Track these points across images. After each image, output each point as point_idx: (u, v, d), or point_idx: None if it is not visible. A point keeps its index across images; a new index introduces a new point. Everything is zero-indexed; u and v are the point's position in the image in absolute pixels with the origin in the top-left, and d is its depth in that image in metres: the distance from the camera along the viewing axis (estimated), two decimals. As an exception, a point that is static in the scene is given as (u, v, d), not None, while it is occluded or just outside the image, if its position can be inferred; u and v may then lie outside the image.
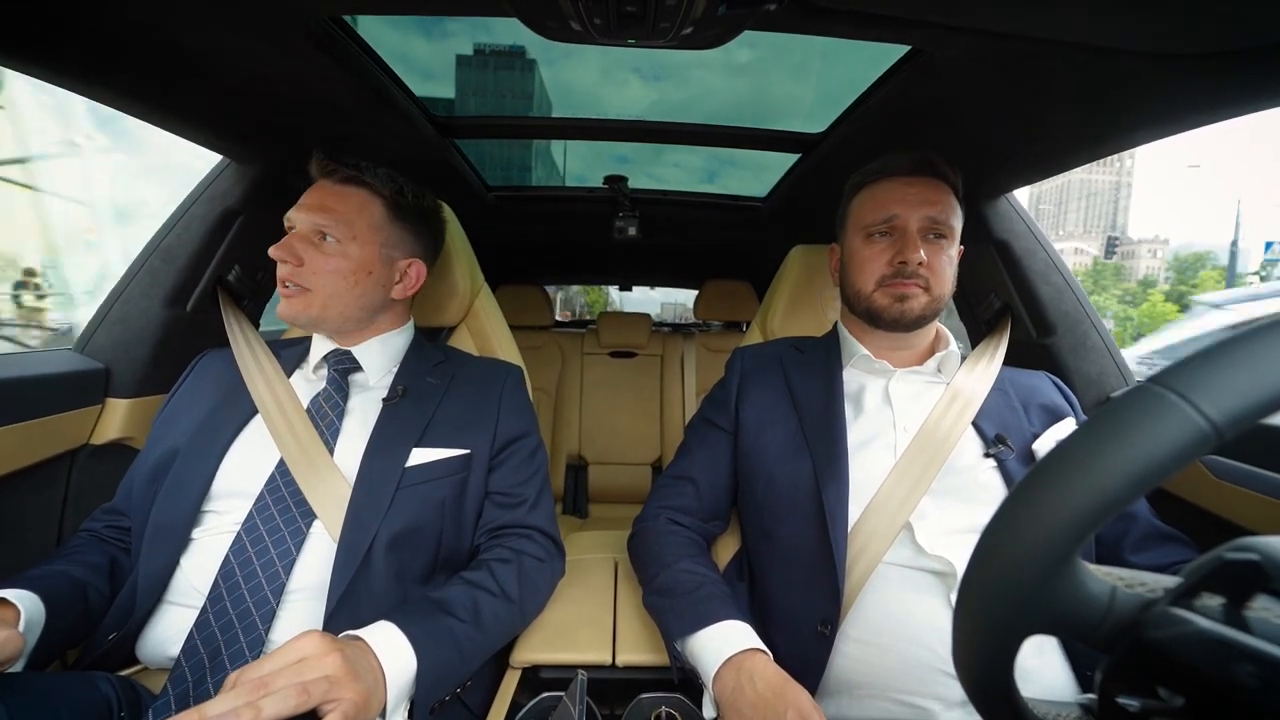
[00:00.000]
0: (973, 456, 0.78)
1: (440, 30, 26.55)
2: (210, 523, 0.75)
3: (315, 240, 0.82)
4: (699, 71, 28.58)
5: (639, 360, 2.43)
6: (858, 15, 0.66)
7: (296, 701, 0.48)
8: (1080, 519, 0.29)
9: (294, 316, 0.83)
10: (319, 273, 0.82)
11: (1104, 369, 1.10)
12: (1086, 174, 30.81)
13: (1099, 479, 0.29)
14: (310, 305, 0.82)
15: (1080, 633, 0.33)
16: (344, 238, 0.83)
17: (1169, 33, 0.63)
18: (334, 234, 0.82)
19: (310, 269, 0.82)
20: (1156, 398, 0.29)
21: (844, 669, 0.71)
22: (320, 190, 0.84)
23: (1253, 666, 0.28)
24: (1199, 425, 0.28)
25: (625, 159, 2.02)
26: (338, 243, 0.83)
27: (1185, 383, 0.29)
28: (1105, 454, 0.30)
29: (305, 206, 0.83)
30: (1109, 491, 0.29)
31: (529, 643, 0.81)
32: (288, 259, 0.80)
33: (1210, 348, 0.29)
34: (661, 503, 0.92)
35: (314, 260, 0.82)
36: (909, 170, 0.84)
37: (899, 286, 0.82)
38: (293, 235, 0.82)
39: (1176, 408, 0.28)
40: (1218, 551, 0.31)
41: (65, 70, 0.79)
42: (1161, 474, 0.28)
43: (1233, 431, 0.28)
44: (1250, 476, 0.81)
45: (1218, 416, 0.27)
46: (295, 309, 0.82)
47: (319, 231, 0.82)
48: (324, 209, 0.83)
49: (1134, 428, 0.29)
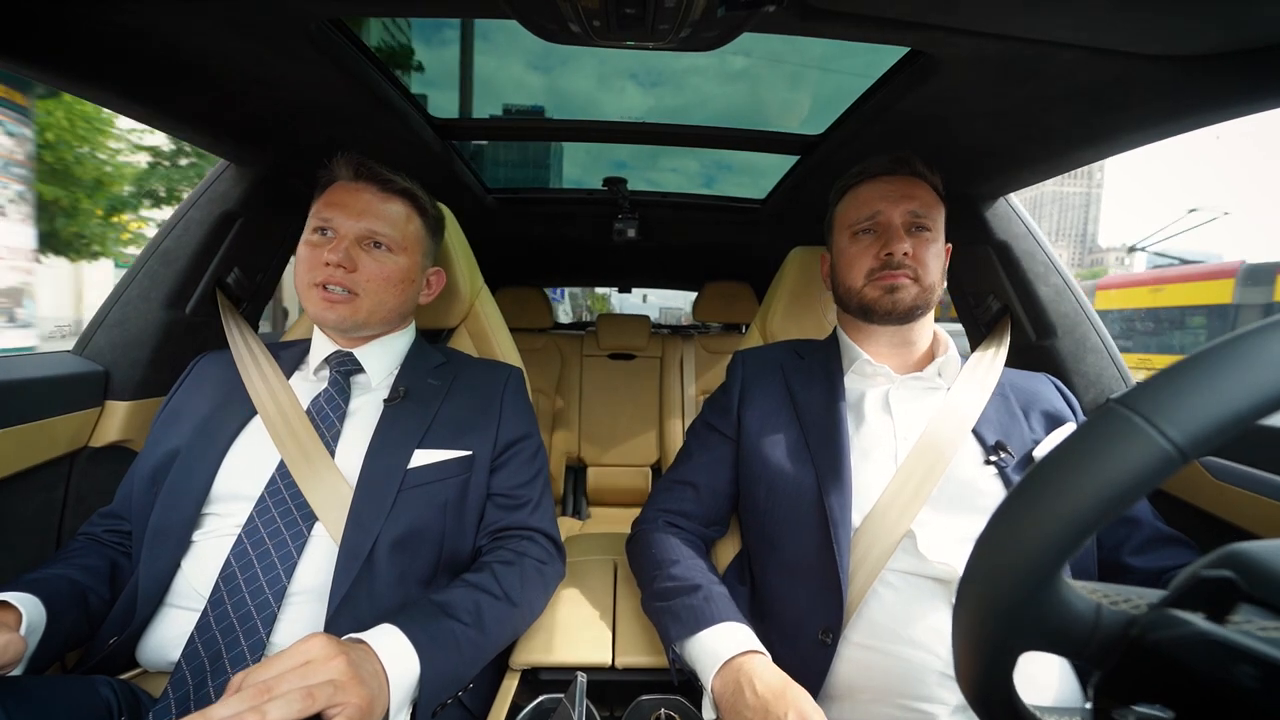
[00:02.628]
0: (973, 464, 0.78)
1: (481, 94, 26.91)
2: (210, 525, 0.75)
3: (365, 247, 0.83)
4: (695, 78, 28.58)
5: (638, 362, 2.43)
6: (857, 17, 0.66)
7: (302, 706, 0.48)
8: (1056, 542, 0.30)
9: (339, 320, 0.83)
10: (372, 279, 0.83)
11: (1103, 370, 1.10)
12: (1058, 185, 31.00)
13: (1070, 503, 0.30)
14: (358, 310, 0.83)
15: (1070, 649, 0.33)
16: (395, 247, 0.86)
17: (1168, 34, 0.63)
18: (386, 242, 0.85)
19: (363, 275, 0.83)
20: (1122, 420, 0.30)
21: (846, 674, 0.71)
22: (364, 196, 0.85)
23: (1249, 669, 0.28)
24: (1163, 448, 0.28)
25: (623, 164, 2.03)
26: (388, 251, 0.85)
27: (1149, 405, 0.29)
28: (1075, 478, 0.30)
29: (352, 211, 0.83)
30: (1080, 515, 0.29)
31: (529, 644, 0.81)
32: (345, 264, 0.81)
33: (1172, 368, 0.30)
34: (661, 506, 0.92)
35: (367, 266, 0.83)
36: (888, 169, 0.87)
37: (888, 278, 0.84)
38: (343, 239, 0.82)
39: (1141, 430, 0.29)
40: (1194, 568, 0.32)
41: (65, 72, 0.79)
42: (1131, 497, 0.29)
43: (1197, 453, 0.28)
44: (1248, 478, 0.81)
45: (1180, 439, 0.28)
46: (342, 314, 0.82)
47: (370, 238, 0.84)
48: (375, 216, 0.84)
49: (1100, 451, 0.30)
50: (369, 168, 0.86)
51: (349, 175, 0.86)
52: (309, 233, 0.85)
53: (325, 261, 0.80)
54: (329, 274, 0.81)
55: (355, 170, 0.86)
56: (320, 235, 0.84)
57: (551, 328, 2.49)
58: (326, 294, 0.81)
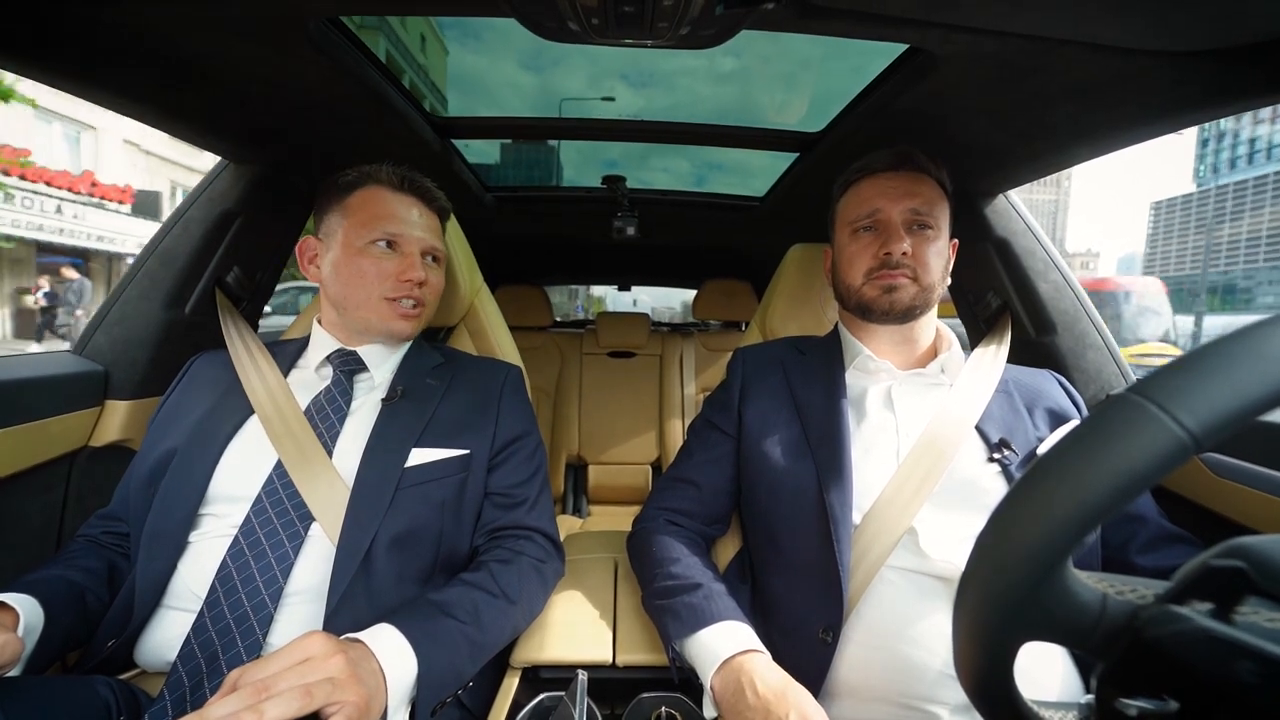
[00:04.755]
0: (976, 462, 0.78)
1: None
2: (207, 526, 0.75)
3: (426, 261, 0.89)
4: (685, 79, 28.62)
5: (638, 360, 2.43)
6: (855, 14, 0.66)
7: (300, 704, 0.48)
8: (1065, 530, 0.30)
9: (412, 332, 0.90)
10: (433, 292, 0.91)
11: (1103, 367, 1.10)
12: (1029, 193, 30.98)
13: (1081, 490, 0.30)
14: (422, 321, 0.91)
15: (1074, 639, 0.33)
16: (441, 259, 0.94)
17: (1167, 30, 0.63)
18: (439, 256, 0.93)
19: (429, 289, 0.90)
20: (1136, 408, 0.30)
21: (847, 672, 0.71)
22: (416, 210, 0.89)
23: (1252, 664, 0.28)
24: (1177, 435, 0.28)
25: (614, 164, 2.03)
26: (435, 263, 0.92)
27: (1163, 393, 0.29)
28: (1087, 465, 0.30)
29: (416, 226, 0.88)
30: (1091, 503, 0.29)
31: (529, 643, 0.81)
32: (422, 280, 0.87)
33: (1187, 356, 0.30)
34: (661, 504, 0.92)
35: (430, 282, 0.89)
36: (890, 165, 0.86)
37: (886, 278, 0.83)
38: (414, 255, 0.87)
39: (1155, 418, 0.29)
40: (1203, 557, 0.31)
41: (64, 72, 0.79)
42: (1143, 485, 0.29)
43: (1211, 441, 0.28)
44: (1249, 474, 0.80)
45: (1195, 426, 0.28)
46: (416, 326, 0.90)
47: (431, 253, 0.90)
48: (431, 231, 0.91)
49: (1114, 439, 0.30)
50: (415, 181, 0.89)
51: (394, 185, 0.88)
52: (365, 242, 0.84)
53: (407, 278, 0.85)
54: (409, 290, 0.86)
55: (402, 181, 0.88)
56: (384, 248, 0.85)
57: (551, 326, 2.49)
58: (402, 308, 0.86)
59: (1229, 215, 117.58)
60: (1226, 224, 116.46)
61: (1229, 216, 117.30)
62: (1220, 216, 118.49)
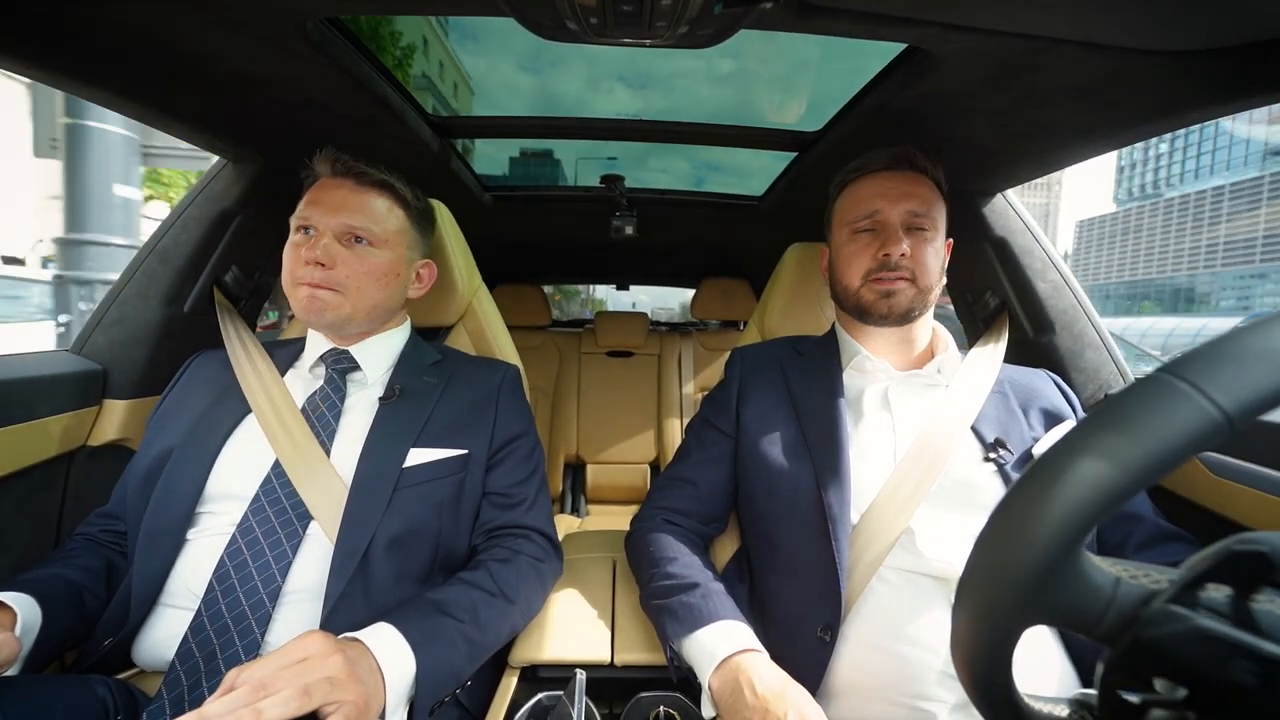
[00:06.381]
0: (971, 462, 0.78)
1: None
2: (205, 525, 0.75)
3: (345, 242, 0.83)
4: (682, 80, 28.72)
5: (636, 359, 2.43)
6: (853, 13, 0.65)
7: (298, 704, 0.48)
8: (1089, 508, 0.29)
9: (323, 318, 0.83)
10: (353, 275, 0.83)
11: (1102, 366, 1.10)
12: (1019, 196, 31.62)
13: (1108, 468, 0.29)
14: (341, 306, 0.83)
15: (1082, 624, 0.33)
16: (376, 241, 0.84)
17: (1165, 29, 0.63)
18: (367, 237, 0.84)
19: (344, 271, 0.82)
20: (1168, 387, 0.29)
21: (845, 671, 0.71)
22: (341, 191, 0.84)
23: (1254, 662, 0.27)
24: (1211, 415, 0.28)
25: (612, 164, 2.03)
26: (369, 245, 0.84)
27: (1197, 372, 0.29)
28: (1115, 443, 0.29)
29: (329, 207, 0.82)
30: (1118, 480, 0.29)
31: (527, 642, 0.81)
32: (324, 260, 0.80)
33: (1221, 337, 0.29)
34: (660, 503, 0.92)
35: (347, 262, 0.82)
36: (888, 165, 0.85)
37: (884, 282, 0.83)
38: (321, 237, 0.81)
39: (1188, 397, 0.28)
40: (1225, 543, 0.31)
41: (62, 71, 0.79)
42: (1172, 463, 0.28)
43: (1244, 421, 0.27)
44: (1246, 473, 0.81)
45: (1230, 406, 0.27)
46: (326, 310, 0.82)
47: (350, 234, 0.83)
48: (353, 210, 0.83)
49: (1145, 417, 0.29)
50: (344, 162, 0.85)
51: (328, 171, 0.86)
52: (292, 233, 0.84)
53: (305, 260, 0.80)
54: (309, 273, 0.80)
55: (333, 166, 0.85)
56: (303, 234, 0.83)
57: (549, 325, 2.49)
58: (309, 292, 0.81)
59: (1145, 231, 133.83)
60: (1144, 238, 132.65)
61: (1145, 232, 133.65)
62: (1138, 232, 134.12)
